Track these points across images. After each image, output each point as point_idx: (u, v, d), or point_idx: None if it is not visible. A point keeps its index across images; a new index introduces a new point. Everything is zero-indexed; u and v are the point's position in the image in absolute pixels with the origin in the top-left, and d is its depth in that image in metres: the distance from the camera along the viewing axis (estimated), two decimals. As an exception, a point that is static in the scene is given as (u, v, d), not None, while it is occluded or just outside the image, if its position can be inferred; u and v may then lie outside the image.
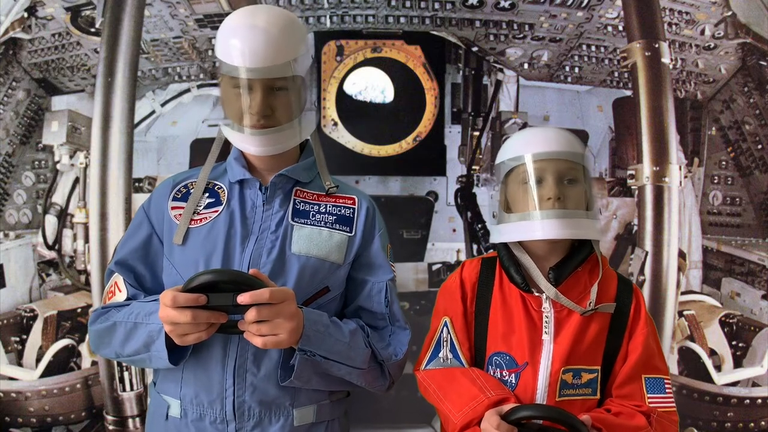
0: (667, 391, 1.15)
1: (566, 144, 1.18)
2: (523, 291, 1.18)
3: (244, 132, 1.13)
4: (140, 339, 1.08)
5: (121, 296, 1.17)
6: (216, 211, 1.18)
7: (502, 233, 1.22)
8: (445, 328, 1.21)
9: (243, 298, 0.96)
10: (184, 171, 1.31)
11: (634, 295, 1.22)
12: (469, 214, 3.71)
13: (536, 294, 1.18)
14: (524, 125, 2.62)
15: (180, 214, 1.18)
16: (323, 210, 1.22)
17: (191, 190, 1.22)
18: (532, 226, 1.15)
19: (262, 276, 1.02)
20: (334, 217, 1.21)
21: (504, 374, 1.17)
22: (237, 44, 1.08)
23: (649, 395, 1.15)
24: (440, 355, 1.19)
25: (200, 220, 1.18)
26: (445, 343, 1.20)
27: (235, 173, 1.21)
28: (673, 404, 1.16)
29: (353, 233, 1.22)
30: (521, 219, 1.17)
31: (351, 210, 1.23)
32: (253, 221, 1.18)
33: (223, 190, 1.21)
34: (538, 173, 1.16)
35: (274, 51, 1.09)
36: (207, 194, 1.21)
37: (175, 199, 1.21)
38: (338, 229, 1.21)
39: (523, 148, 1.20)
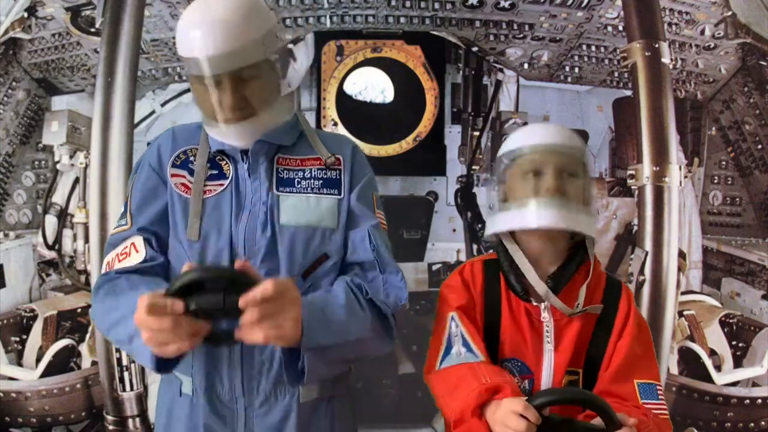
0: (659, 397, 1.11)
1: (567, 138, 1.18)
2: (522, 300, 1.15)
3: (220, 127, 1.11)
4: (127, 328, 0.98)
5: (137, 257, 1.09)
6: (221, 185, 1.15)
7: (497, 222, 1.19)
8: (453, 323, 1.14)
9: (245, 302, 0.88)
10: (183, 125, 1.26)
11: (623, 295, 1.18)
12: (469, 214, 3.71)
13: (535, 303, 1.15)
14: (524, 125, 2.62)
15: (182, 183, 1.15)
16: (309, 175, 1.16)
17: (191, 158, 1.18)
18: (528, 214, 1.12)
19: (252, 270, 0.95)
20: (321, 182, 1.16)
21: (516, 380, 1.13)
22: (195, 38, 1.04)
23: (642, 401, 1.10)
24: (453, 351, 1.13)
25: (204, 192, 1.14)
26: (456, 338, 1.13)
27: (214, 143, 1.18)
28: (667, 411, 1.13)
29: (342, 195, 1.17)
30: (518, 207, 1.14)
31: (337, 171, 1.17)
32: (244, 195, 1.15)
33: (227, 163, 1.18)
34: (539, 164, 1.14)
35: (232, 37, 1.03)
36: (208, 164, 1.17)
37: (174, 165, 1.18)
38: (326, 194, 1.16)
39: (524, 140, 1.19)
